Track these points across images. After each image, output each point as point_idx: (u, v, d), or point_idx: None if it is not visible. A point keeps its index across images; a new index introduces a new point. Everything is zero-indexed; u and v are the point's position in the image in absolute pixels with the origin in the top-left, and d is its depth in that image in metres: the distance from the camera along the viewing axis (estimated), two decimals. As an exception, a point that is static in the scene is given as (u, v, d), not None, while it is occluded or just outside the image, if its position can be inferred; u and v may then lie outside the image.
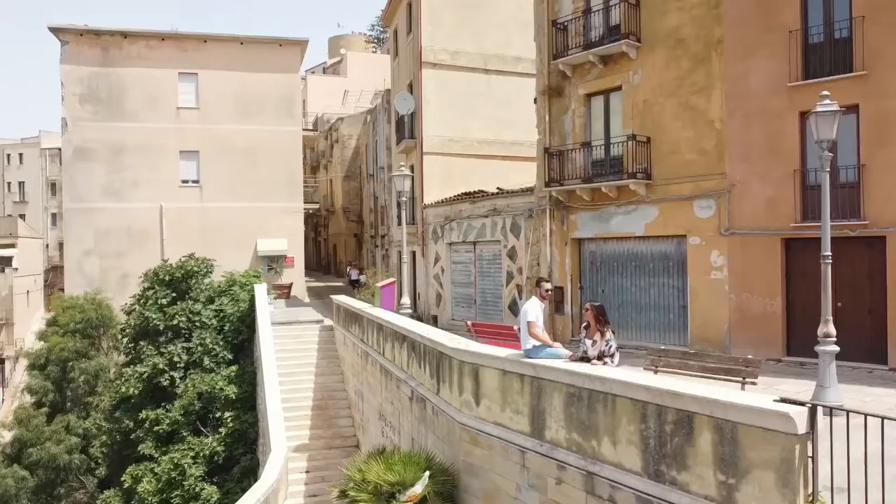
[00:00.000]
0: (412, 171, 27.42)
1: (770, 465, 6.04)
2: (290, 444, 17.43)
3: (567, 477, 8.22)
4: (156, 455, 21.71)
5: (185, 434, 21.58)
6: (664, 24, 17.20)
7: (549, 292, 9.29)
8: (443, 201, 24.89)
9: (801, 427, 5.87)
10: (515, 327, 15.34)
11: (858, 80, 14.03)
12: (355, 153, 52.12)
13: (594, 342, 8.37)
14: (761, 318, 15.69)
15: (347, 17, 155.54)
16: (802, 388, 11.27)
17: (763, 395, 6.79)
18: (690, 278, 16.93)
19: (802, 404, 6.04)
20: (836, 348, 10.15)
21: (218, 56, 34.80)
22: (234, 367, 22.59)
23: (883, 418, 5.57)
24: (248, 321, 24.12)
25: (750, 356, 10.83)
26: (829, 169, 10.16)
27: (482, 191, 23.82)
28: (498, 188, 23.30)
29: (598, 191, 18.48)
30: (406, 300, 17.36)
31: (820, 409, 6.04)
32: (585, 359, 8.37)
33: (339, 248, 55.41)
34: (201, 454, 20.84)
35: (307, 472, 17.84)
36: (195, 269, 25.60)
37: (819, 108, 10.03)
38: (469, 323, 16.83)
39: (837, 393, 9.96)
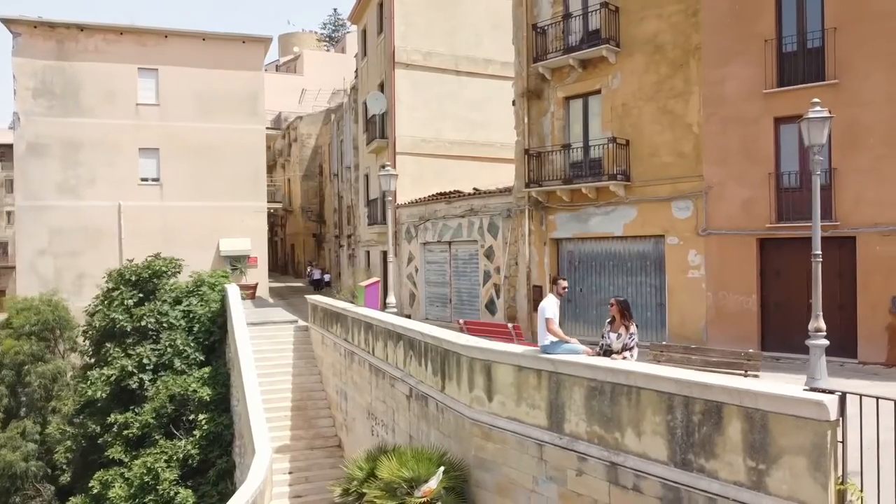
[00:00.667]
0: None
1: (802, 451, 6.40)
2: (272, 445, 17.29)
3: (588, 468, 8.48)
4: (125, 459, 21.14)
5: (157, 437, 21.07)
6: (643, 30, 17.72)
7: (566, 289, 9.56)
8: (417, 201, 24.99)
9: (833, 414, 6.26)
10: (509, 325, 15.65)
11: (830, 89, 14.70)
12: (314, 152, 51.73)
13: (619, 335, 8.69)
14: (737, 315, 16.34)
15: (295, 14, 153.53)
16: (781, 382, 11.81)
17: (791, 385, 7.18)
18: (668, 277, 17.49)
19: (832, 393, 6.44)
20: (826, 342, 10.67)
21: (179, 52, 34.11)
22: (207, 369, 22.19)
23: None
24: (219, 322, 23.73)
25: (751, 350, 11.31)
26: (819, 172, 10.70)
27: (458, 191, 24.03)
28: (474, 188, 23.56)
29: (577, 192, 18.90)
30: (392, 299, 17.41)
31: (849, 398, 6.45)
32: (609, 352, 8.67)
33: (298, 247, 54.89)
34: (175, 457, 20.40)
35: (290, 472, 17.73)
36: (163, 269, 25.01)
37: (810, 115, 10.56)
38: (461, 321, 17.02)
39: (828, 385, 10.47)
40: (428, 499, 9.71)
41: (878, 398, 6.25)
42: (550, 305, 9.18)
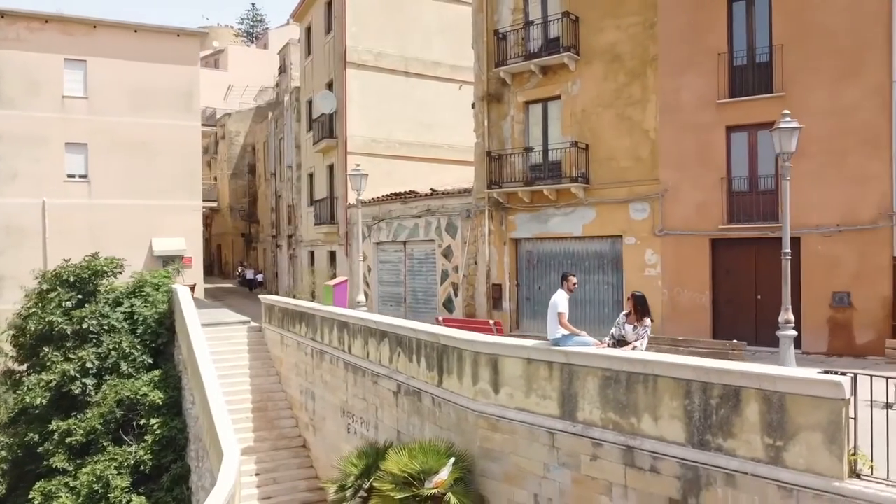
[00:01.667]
0: (332, 171, 27.47)
1: (818, 428, 7.12)
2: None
3: (603, 453, 8.99)
4: (70, 468, 20.20)
5: (104, 444, 20.23)
6: (602, 40, 18.57)
7: (576, 285, 10.07)
8: (371, 201, 25.04)
9: (848, 393, 7.01)
10: (491, 322, 16.03)
11: (777, 100, 15.89)
12: (243, 150, 50.64)
13: (634, 327, 9.29)
14: (691, 310, 17.41)
15: (208, 8, 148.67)
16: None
17: (805, 369, 7.91)
18: (626, 275, 18.39)
19: (844, 374, 7.20)
20: (794, 333, 11.66)
21: (109, 43, 32.72)
22: (157, 372, 21.48)
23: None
24: (167, 323, 23.01)
25: (735, 340, 12.18)
26: (789, 178, 11.69)
27: (414, 191, 24.28)
28: (431, 189, 23.87)
29: (537, 193, 19.57)
30: (362, 297, 17.52)
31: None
32: (622, 342, 9.24)
33: (226, 247, 53.53)
34: (125, 464, 19.67)
35: (257, 474, 17.50)
36: (104, 268, 24.01)
37: (782, 125, 11.53)
38: (440, 318, 17.31)
39: (797, 371, 11.44)
40: (439, 490, 9.99)
41: (886, 378, 7.04)
42: (561, 301, 9.67)
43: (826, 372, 7.32)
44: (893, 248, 14.92)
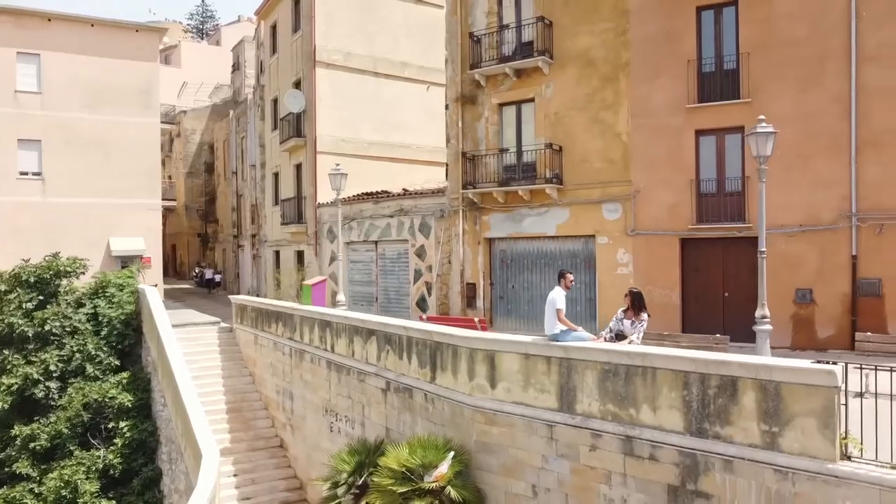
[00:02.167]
0: (299, 170, 27.36)
1: (812, 413, 7.61)
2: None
3: (602, 443, 9.36)
4: (34, 474, 19.68)
5: (71, 448, 19.78)
6: (575, 45, 19.06)
7: (573, 282, 10.41)
8: (342, 201, 24.99)
9: (840, 381, 7.52)
10: (476, 320, 16.27)
11: (744, 106, 16.67)
12: (199, 148, 49.75)
13: (633, 322, 9.69)
14: (662, 307, 17.98)
15: (154, 3, 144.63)
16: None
17: (800, 359, 8.42)
18: (599, 274, 18.92)
19: (835, 363, 7.71)
20: (770, 327, 12.26)
21: (64, 37, 31.74)
22: (125, 374, 21.08)
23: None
24: (133, 324, 22.58)
25: (718, 335, 12.72)
26: (764, 180, 12.28)
27: (386, 191, 24.38)
28: (404, 189, 24.01)
29: (512, 193, 19.94)
30: (342, 297, 17.57)
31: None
32: (621, 336, 9.63)
33: (181, 248, 52.48)
34: (94, 468, 19.28)
35: (235, 475, 17.40)
36: (66, 269, 23.41)
37: (758, 129, 12.12)
38: (424, 316, 17.47)
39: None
40: (440, 483, 10.20)
41: (876, 367, 7.58)
42: (559, 297, 10.01)
43: (818, 361, 7.82)
44: (852, 247, 15.80)
